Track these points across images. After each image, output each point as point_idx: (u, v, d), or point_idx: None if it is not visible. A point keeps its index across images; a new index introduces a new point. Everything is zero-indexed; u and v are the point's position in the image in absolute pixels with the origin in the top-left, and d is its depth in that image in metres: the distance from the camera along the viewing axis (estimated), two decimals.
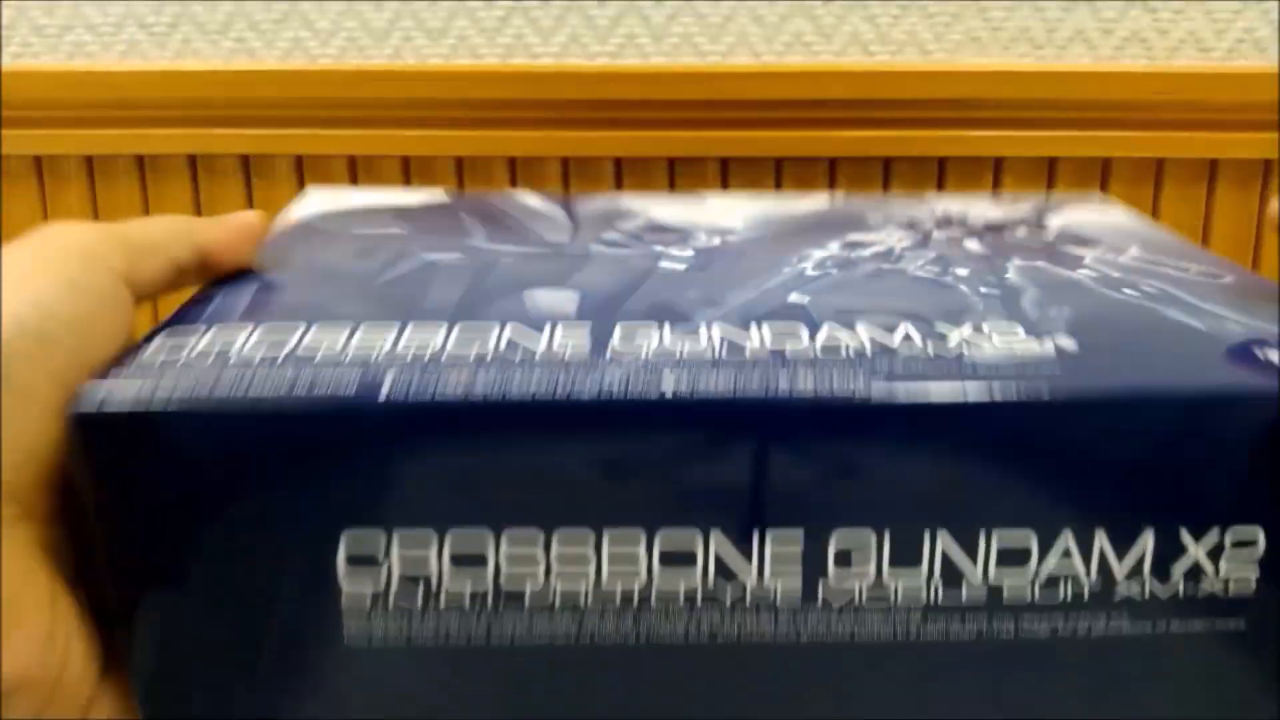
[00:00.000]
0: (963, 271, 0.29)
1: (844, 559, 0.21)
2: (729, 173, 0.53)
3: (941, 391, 0.21)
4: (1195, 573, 0.22)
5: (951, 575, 0.21)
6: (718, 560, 0.21)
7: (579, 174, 0.53)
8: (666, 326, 0.24)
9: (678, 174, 0.53)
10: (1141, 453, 0.21)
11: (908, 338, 0.23)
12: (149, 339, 0.23)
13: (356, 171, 0.54)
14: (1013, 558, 0.21)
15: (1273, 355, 0.23)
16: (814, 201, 0.37)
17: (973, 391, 0.21)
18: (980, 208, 0.37)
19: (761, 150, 0.52)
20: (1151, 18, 0.52)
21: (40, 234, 0.24)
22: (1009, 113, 0.51)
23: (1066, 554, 0.22)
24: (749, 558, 0.21)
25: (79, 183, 0.54)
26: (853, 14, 0.52)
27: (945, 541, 0.21)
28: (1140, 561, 0.22)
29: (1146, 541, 0.22)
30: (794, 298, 0.26)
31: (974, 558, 0.21)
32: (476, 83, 0.51)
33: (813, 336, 0.23)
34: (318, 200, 0.36)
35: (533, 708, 0.22)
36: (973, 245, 0.32)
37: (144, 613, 0.22)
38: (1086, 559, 0.22)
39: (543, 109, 0.51)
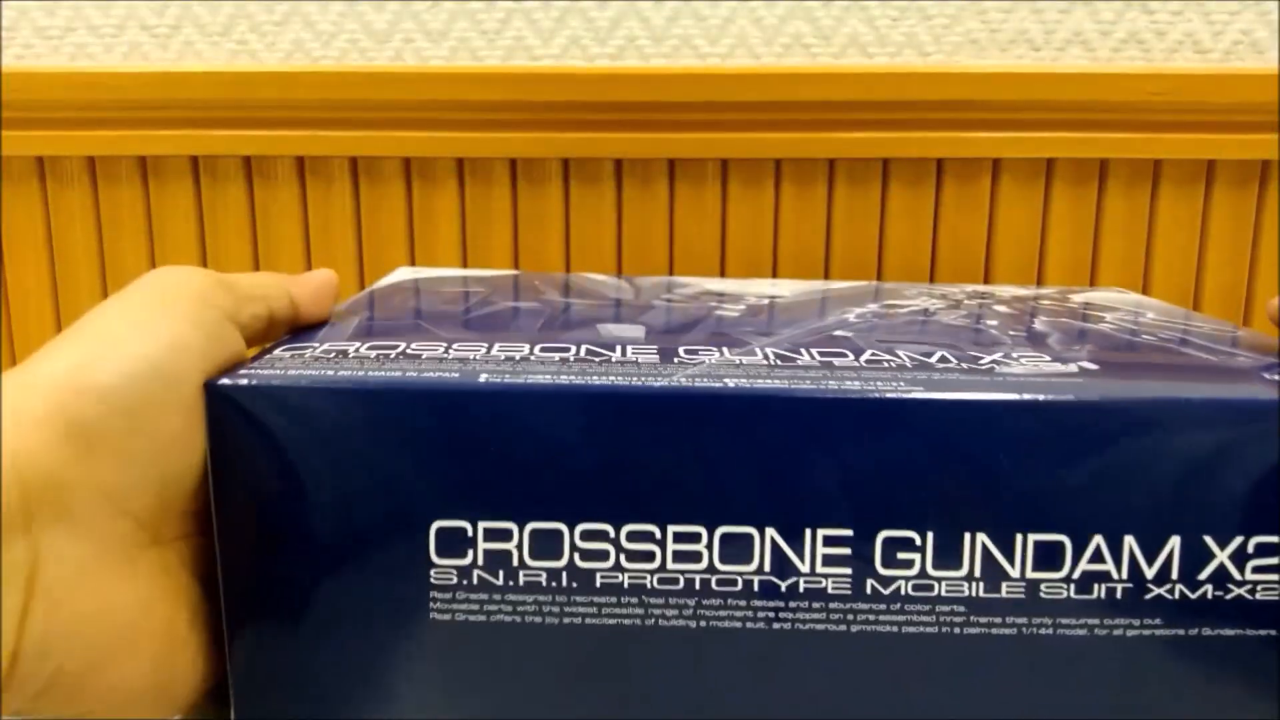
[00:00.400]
0: (992, 322, 0.32)
1: (890, 555, 0.23)
2: (729, 174, 0.53)
3: (977, 394, 0.23)
4: (1222, 579, 0.23)
5: (991, 574, 0.23)
6: (773, 553, 0.23)
7: (579, 175, 0.54)
8: (725, 348, 0.26)
9: (678, 175, 0.53)
10: (1164, 461, 0.22)
11: (944, 359, 0.25)
12: (266, 352, 0.25)
13: (358, 172, 0.54)
14: (1048, 558, 0.23)
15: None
16: (854, 283, 0.42)
17: (1005, 395, 0.23)
18: (1007, 289, 0.40)
19: (761, 151, 0.52)
20: (1149, 19, 0.52)
21: (152, 279, 0.25)
22: (1007, 114, 0.51)
23: (1099, 556, 0.23)
24: (801, 552, 0.23)
25: (81, 184, 0.55)
26: (851, 16, 0.53)
27: (984, 541, 0.23)
28: (1168, 565, 0.23)
29: (1173, 546, 0.23)
30: (839, 333, 0.29)
31: (1011, 558, 0.23)
32: (477, 84, 0.52)
33: (857, 357, 0.26)
34: (404, 273, 0.41)
35: (599, 684, 0.23)
36: (1001, 308, 0.35)
37: (244, 583, 0.23)
38: (1118, 562, 0.23)
39: (543, 110, 0.52)
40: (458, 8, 0.53)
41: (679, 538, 0.23)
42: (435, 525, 0.23)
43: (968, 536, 0.22)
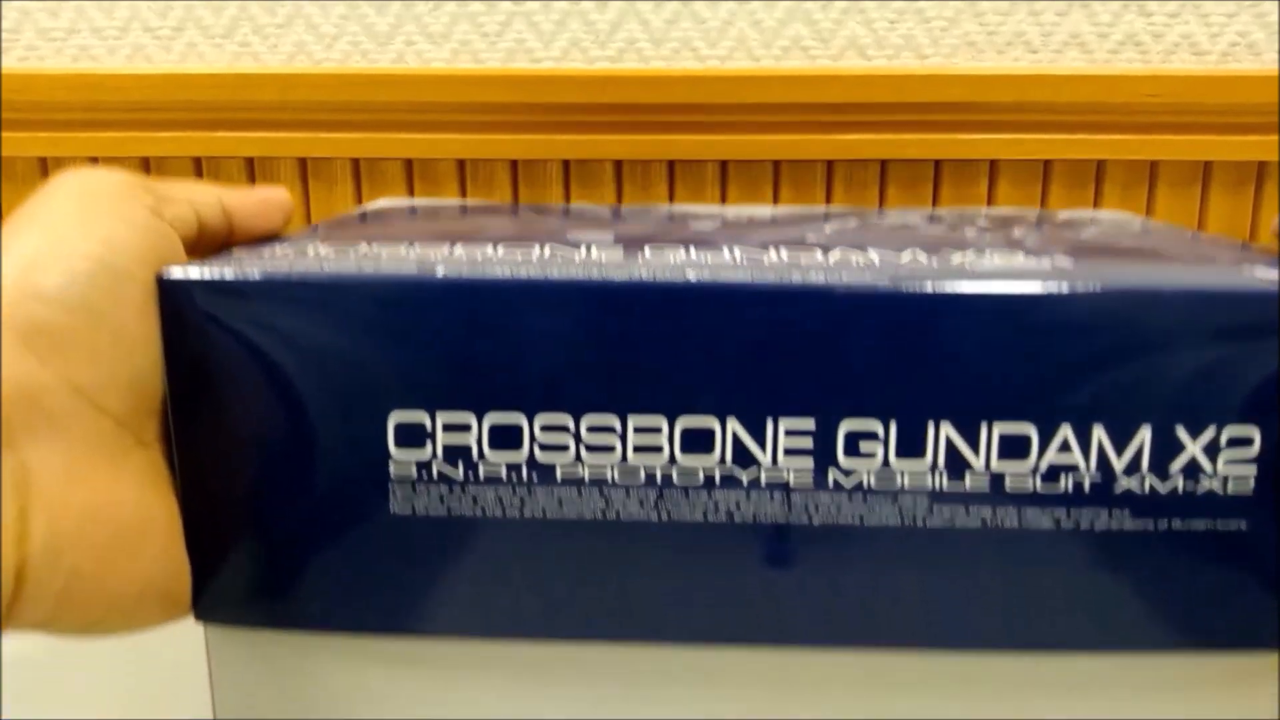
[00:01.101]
0: (971, 231, 0.31)
1: (852, 446, 0.22)
2: (728, 175, 0.54)
3: (942, 284, 0.22)
4: (1193, 470, 0.22)
5: (955, 464, 0.22)
6: (734, 444, 0.22)
7: (579, 176, 0.54)
8: (693, 248, 0.26)
9: (677, 176, 0.54)
10: (1134, 351, 0.22)
11: (914, 257, 0.25)
12: (225, 251, 0.25)
13: (360, 174, 0.54)
14: (1013, 449, 0.22)
15: (1261, 271, 0.23)
16: (847, 207, 0.41)
17: (971, 284, 0.22)
18: (1000, 210, 0.39)
19: (760, 153, 0.52)
20: (1146, 21, 0.53)
21: (69, 180, 0.24)
22: (1004, 116, 0.51)
23: (1066, 446, 0.22)
24: (763, 443, 0.22)
25: None
26: (850, 18, 0.53)
27: (948, 431, 0.22)
28: (1138, 457, 0.22)
29: (1144, 437, 0.22)
30: (811, 238, 0.28)
31: (975, 448, 0.22)
32: (478, 86, 0.52)
33: (826, 255, 0.25)
34: (384, 201, 0.40)
35: (561, 577, 0.23)
36: (981, 223, 0.34)
37: (202, 478, 0.23)
38: (1085, 452, 0.22)
39: (544, 112, 0.52)
40: (459, 10, 0.54)
41: (640, 430, 0.22)
42: (393, 417, 0.22)
43: (931, 426, 0.22)
